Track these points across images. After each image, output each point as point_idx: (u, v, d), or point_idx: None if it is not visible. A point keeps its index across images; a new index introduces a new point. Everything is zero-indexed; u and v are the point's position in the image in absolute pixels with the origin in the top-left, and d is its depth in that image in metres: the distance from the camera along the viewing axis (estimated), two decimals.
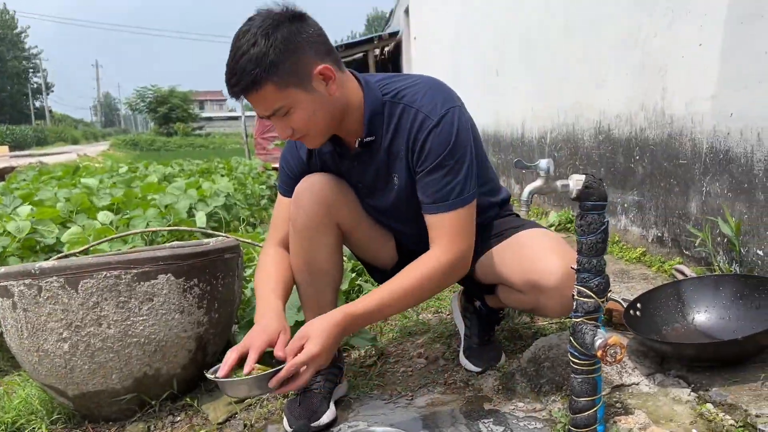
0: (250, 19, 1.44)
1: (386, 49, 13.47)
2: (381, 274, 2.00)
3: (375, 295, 1.54)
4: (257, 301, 1.64)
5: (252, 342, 1.45)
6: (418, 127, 1.55)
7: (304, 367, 1.41)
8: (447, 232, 1.56)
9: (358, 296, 2.73)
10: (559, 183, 1.33)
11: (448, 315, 2.47)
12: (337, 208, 1.71)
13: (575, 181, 1.31)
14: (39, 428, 1.86)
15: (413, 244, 1.85)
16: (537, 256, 1.62)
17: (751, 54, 1.98)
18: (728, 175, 2.15)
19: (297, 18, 1.45)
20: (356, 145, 1.61)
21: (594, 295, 1.33)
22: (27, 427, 1.86)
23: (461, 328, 2.09)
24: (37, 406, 1.94)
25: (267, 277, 1.69)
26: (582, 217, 1.33)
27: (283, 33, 1.40)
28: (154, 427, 1.85)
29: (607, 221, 1.33)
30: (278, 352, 1.43)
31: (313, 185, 1.68)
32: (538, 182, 1.33)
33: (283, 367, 1.38)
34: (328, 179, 1.70)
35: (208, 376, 1.44)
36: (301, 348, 1.42)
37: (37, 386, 2.00)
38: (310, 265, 1.72)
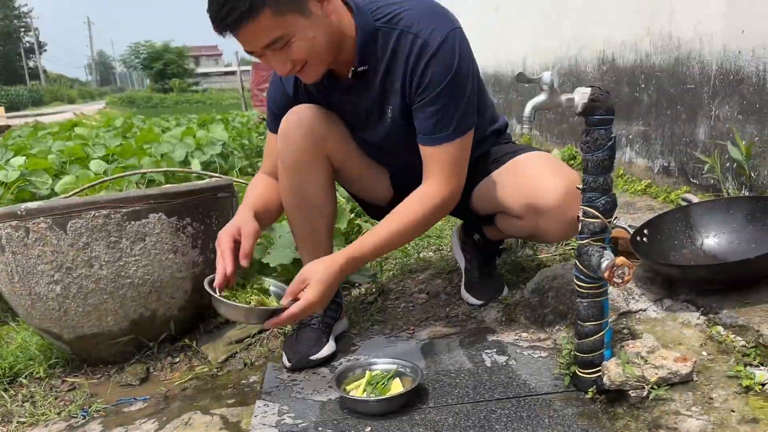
0: None
1: None
2: (376, 210, 1.94)
3: (374, 236, 1.49)
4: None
5: (243, 228, 1.50)
6: (417, 53, 1.44)
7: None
8: (445, 164, 1.50)
9: (357, 237, 2.68)
10: (563, 97, 1.25)
11: (449, 252, 2.42)
12: (327, 140, 1.62)
13: (580, 94, 1.23)
14: (37, 373, 1.83)
15: (408, 179, 1.77)
16: (534, 178, 1.56)
17: None
18: (739, 97, 2.06)
19: None
20: (349, 76, 1.50)
21: (600, 215, 1.27)
22: (24, 371, 1.83)
23: (461, 263, 2.04)
24: (35, 350, 1.91)
25: (250, 191, 1.69)
26: (588, 133, 1.26)
27: None
28: (154, 368, 1.83)
29: (615, 136, 1.25)
30: (242, 260, 1.47)
31: (300, 117, 1.59)
32: (542, 96, 1.25)
33: (281, 309, 1.40)
34: (315, 110, 1.60)
35: (206, 287, 1.47)
36: (300, 291, 1.41)
37: (33, 331, 1.97)
38: (301, 201, 1.65)
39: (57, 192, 3.10)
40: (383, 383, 1.46)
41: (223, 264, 1.46)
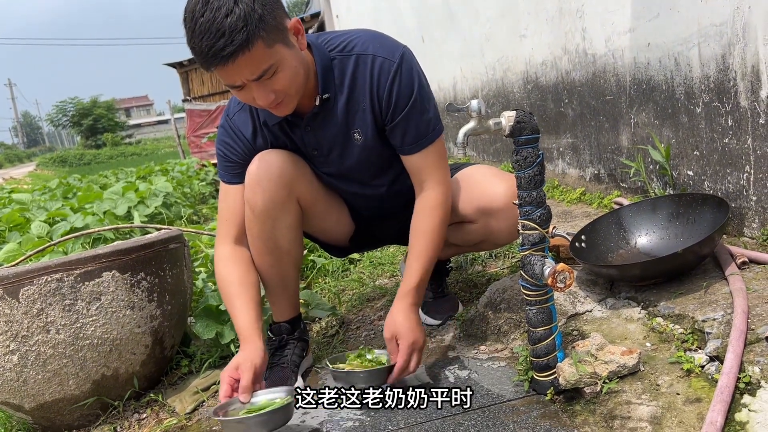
0: None
1: (310, 31, 13.31)
2: (339, 250, 1.99)
3: (417, 260, 1.60)
4: (234, 316, 1.59)
5: (243, 366, 1.46)
6: (379, 72, 1.54)
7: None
8: (435, 166, 1.61)
9: (312, 273, 2.73)
10: (491, 121, 1.35)
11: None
12: (296, 182, 1.64)
13: (507, 118, 1.33)
14: None
15: (370, 209, 1.85)
16: (483, 184, 1.70)
17: None
18: (653, 104, 2.22)
19: None
20: (316, 103, 1.55)
21: (538, 227, 1.36)
22: None
23: None
24: None
25: (237, 286, 1.61)
26: (517, 152, 1.36)
27: None
28: (121, 427, 1.81)
29: (542, 153, 1.36)
30: (241, 395, 1.43)
31: (270, 164, 1.59)
32: (472, 123, 1.34)
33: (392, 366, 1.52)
34: (284, 155, 1.62)
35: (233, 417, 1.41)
36: (397, 345, 1.54)
37: None
38: (272, 247, 1.66)
39: (0, 261, 3.03)
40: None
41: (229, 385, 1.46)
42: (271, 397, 1.47)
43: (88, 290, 1.75)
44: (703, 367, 1.31)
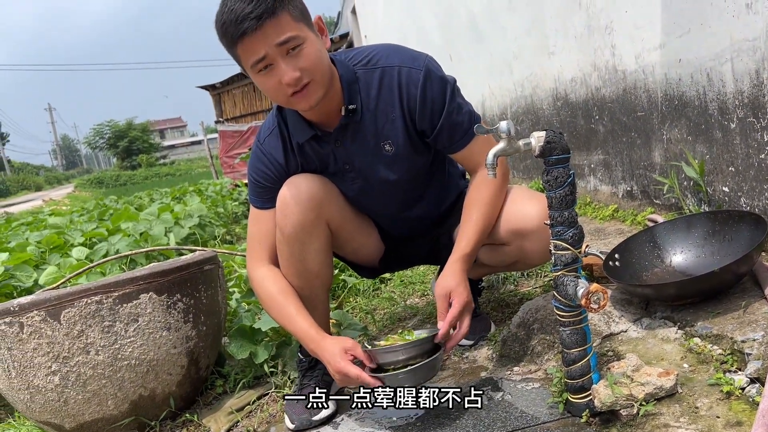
0: None
1: (339, 51, 13.45)
2: (370, 271, 2.00)
3: (471, 227, 1.65)
4: (292, 322, 1.63)
5: (346, 346, 1.57)
6: (407, 81, 1.57)
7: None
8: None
9: (343, 292, 2.74)
10: (521, 142, 1.35)
11: (434, 297, 2.48)
12: (325, 205, 1.66)
13: (537, 138, 1.33)
14: None
15: (399, 228, 1.86)
16: (516, 206, 1.69)
17: None
18: (685, 119, 2.20)
19: None
20: (341, 113, 1.58)
21: (570, 247, 1.36)
22: None
23: None
24: None
25: (284, 297, 1.66)
26: (548, 172, 1.36)
27: None
28: None
29: (573, 173, 1.35)
30: (370, 364, 1.58)
31: (299, 187, 1.62)
32: (501, 144, 1.35)
33: (435, 333, 1.56)
34: (313, 178, 1.65)
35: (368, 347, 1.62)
36: (449, 303, 1.59)
37: (33, 425, 1.97)
38: (301, 269, 1.68)
39: (41, 283, 3.11)
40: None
41: (363, 379, 1.55)
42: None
43: (126, 312, 1.79)
44: (743, 389, 1.28)
